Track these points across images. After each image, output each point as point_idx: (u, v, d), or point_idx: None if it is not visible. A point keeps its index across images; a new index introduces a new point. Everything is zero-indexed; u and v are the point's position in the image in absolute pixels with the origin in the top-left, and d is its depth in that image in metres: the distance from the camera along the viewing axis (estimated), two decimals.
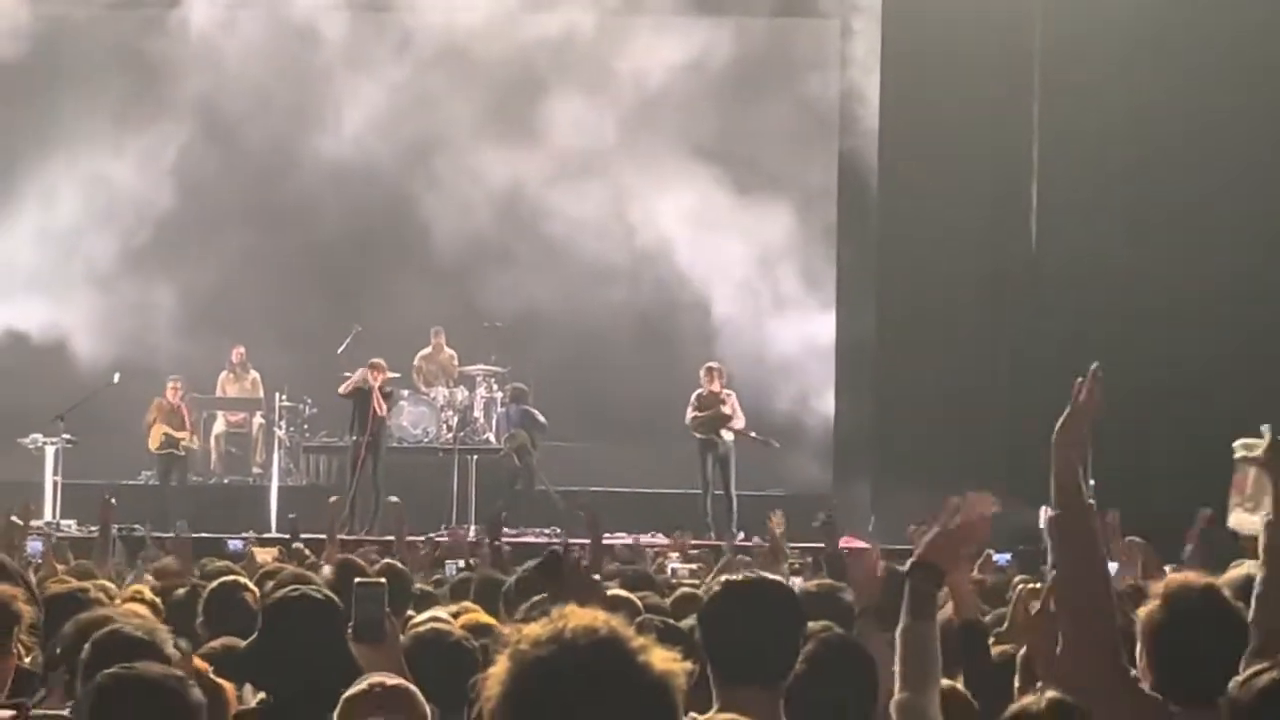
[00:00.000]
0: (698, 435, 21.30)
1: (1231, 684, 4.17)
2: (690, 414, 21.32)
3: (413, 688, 4.48)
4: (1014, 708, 4.48)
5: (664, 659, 2.26)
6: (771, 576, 5.10)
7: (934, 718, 4.08)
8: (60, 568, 10.60)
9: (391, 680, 4.45)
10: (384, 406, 21.42)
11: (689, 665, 2.29)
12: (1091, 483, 17.80)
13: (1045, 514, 4.83)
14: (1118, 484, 19.16)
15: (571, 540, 18.57)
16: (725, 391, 21.46)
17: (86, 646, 5.11)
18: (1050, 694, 4.42)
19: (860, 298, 23.67)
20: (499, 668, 2.25)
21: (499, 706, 2.23)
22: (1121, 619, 5.59)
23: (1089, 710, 4.32)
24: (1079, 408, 4.86)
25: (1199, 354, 20.49)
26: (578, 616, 2.27)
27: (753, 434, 21.56)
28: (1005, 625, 7.09)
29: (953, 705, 4.51)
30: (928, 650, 4.24)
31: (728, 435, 21.24)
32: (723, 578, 5.42)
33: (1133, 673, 4.84)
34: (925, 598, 4.34)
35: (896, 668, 4.27)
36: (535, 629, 2.26)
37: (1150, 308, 20.81)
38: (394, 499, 14.87)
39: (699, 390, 21.43)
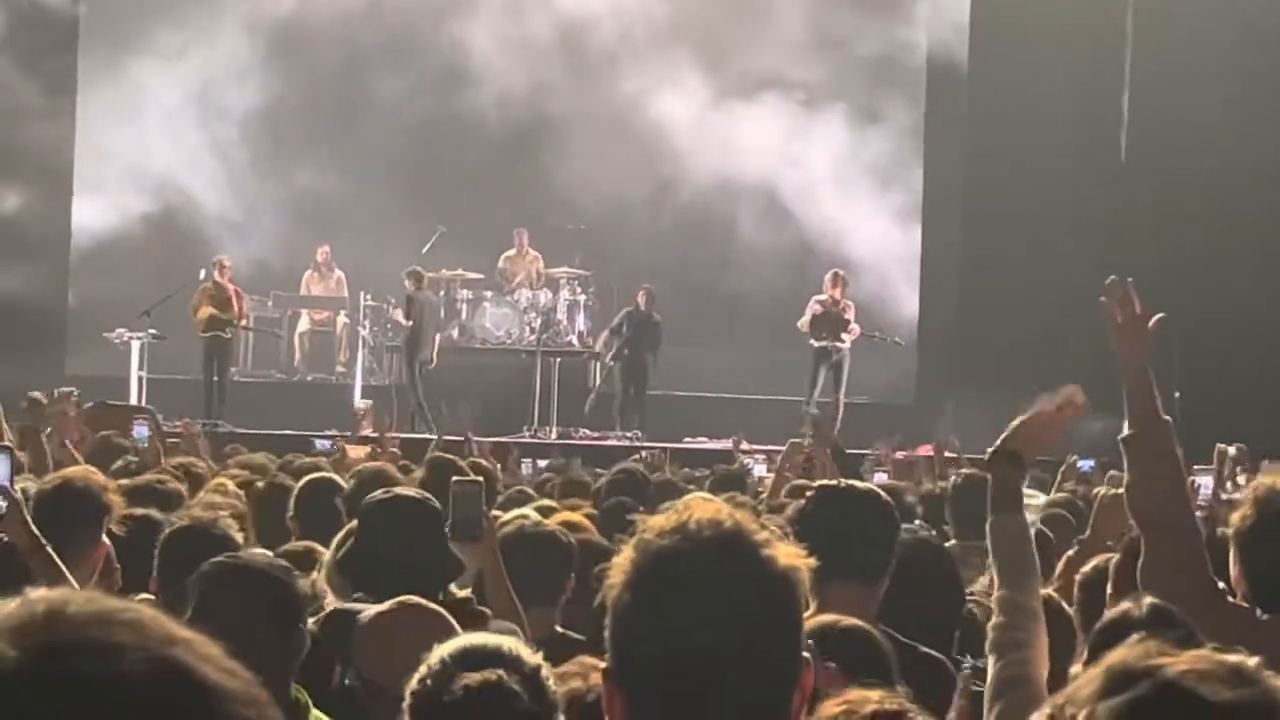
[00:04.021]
0: (814, 342, 21.19)
1: None
2: (808, 318, 21.21)
3: (441, 611, 4.39)
4: (1113, 613, 4.34)
5: (788, 553, 2.25)
6: (862, 485, 5.07)
7: (1037, 613, 3.95)
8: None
9: (414, 600, 4.41)
10: (403, 317, 21.83)
11: (812, 561, 2.28)
12: (1177, 394, 17.53)
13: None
14: (1213, 373, 19.20)
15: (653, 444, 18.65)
16: (846, 300, 21.40)
17: (159, 541, 5.17)
18: (1149, 600, 4.35)
19: (947, 204, 23.52)
20: (623, 556, 2.25)
21: (622, 595, 2.23)
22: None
23: (1186, 619, 4.20)
24: (1125, 324, 4.77)
25: None
26: (702, 508, 2.27)
27: (875, 334, 21.59)
28: (1088, 532, 7.04)
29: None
30: (1020, 544, 4.07)
31: (842, 345, 21.14)
32: (819, 482, 5.42)
33: (1220, 585, 4.79)
34: (1010, 490, 4.17)
35: (992, 564, 4.15)
36: (660, 519, 2.26)
37: (1243, 208, 20.60)
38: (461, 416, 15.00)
39: (819, 296, 21.33)
